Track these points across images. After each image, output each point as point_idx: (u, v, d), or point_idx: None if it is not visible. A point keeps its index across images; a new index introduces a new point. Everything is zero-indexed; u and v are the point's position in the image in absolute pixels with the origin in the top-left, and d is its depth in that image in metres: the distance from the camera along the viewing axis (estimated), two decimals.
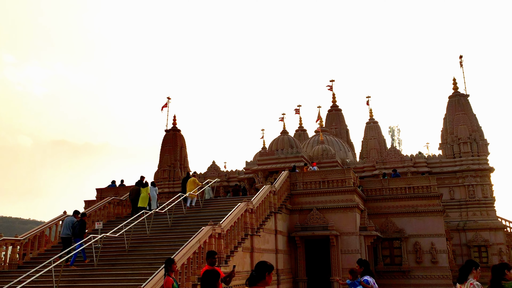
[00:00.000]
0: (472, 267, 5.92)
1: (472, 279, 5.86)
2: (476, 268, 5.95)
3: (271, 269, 4.10)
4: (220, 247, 12.70)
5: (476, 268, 5.95)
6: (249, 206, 14.97)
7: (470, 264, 5.94)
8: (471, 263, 5.98)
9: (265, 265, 4.14)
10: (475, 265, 5.96)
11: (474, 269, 5.92)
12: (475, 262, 6.04)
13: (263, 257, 15.76)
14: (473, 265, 5.93)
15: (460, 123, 28.70)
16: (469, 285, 5.82)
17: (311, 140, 34.27)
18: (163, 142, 34.04)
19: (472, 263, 5.98)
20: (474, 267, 5.93)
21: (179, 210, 17.67)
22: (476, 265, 5.98)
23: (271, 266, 4.15)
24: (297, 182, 19.34)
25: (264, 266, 4.11)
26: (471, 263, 5.98)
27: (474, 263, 6.00)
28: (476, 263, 6.02)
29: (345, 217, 18.18)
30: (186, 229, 15.51)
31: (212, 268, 5.18)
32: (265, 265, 4.13)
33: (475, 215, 27.53)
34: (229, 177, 31.97)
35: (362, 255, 17.95)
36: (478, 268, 5.97)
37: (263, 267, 4.10)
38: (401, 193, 20.46)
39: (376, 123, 36.01)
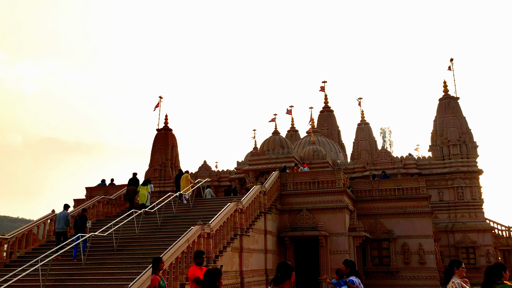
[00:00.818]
0: (453, 267, 5.99)
1: (455, 278, 5.93)
2: (458, 267, 6.02)
3: (293, 269, 4.37)
4: (209, 247, 12.71)
5: (458, 267, 6.02)
6: (239, 206, 15.00)
7: (452, 264, 6.02)
8: (453, 263, 6.06)
9: (288, 265, 4.39)
10: (456, 264, 6.03)
11: (456, 268, 5.99)
12: (456, 261, 6.12)
13: (252, 257, 15.81)
14: (455, 265, 6.00)
15: (450, 126, 28.98)
16: (451, 283, 5.89)
17: (302, 140, 34.41)
18: (154, 141, 33.96)
19: (453, 263, 6.05)
20: (456, 266, 6.01)
21: (169, 210, 17.64)
22: (458, 264, 6.05)
23: (293, 266, 4.42)
24: (287, 182, 19.41)
25: (288, 266, 4.36)
26: (453, 263, 6.06)
27: (456, 262, 6.07)
28: (458, 262, 6.10)
29: (334, 217, 18.27)
30: (175, 229, 15.49)
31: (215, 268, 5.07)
32: (289, 266, 4.38)
33: (464, 216, 27.83)
34: (220, 177, 31.99)
35: (351, 256, 18.06)
36: (460, 267, 6.03)
37: (288, 267, 4.35)
38: (390, 194, 20.62)
39: (367, 124, 36.26)
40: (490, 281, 5.48)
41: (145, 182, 18.99)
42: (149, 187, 18.74)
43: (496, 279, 5.46)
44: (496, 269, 5.49)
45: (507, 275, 5.53)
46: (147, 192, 18.44)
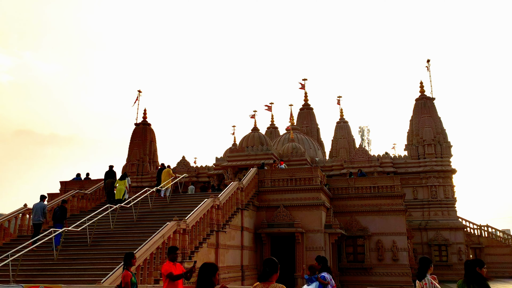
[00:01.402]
0: (429, 264, 6.21)
1: (428, 275, 6.10)
2: (430, 266, 6.23)
3: (278, 265, 4.55)
4: (185, 242, 12.69)
5: (430, 266, 6.23)
6: (216, 202, 15.01)
7: (427, 261, 6.22)
8: (428, 260, 6.24)
9: (275, 261, 4.56)
10: (429, 262, 6.25)
11: (430, 267, 6.19)
12: (429, 260, 6.31)
13: (228, 254, 15.85)
14: (429, 263, 6.22)
15: (425, 126, 29.59)
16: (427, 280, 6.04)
17: (282, 138, 34.56)
18: (132, 135, 33.59)
19: (426, 261, 6.24)
20: (429, 264, 6.21)
21: (146, 205, 17.50)
22: (430, 263, 6.26)
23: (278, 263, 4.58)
24: (265, 179, 19.50)
25: (275, 262, 4.53)
26: (428, 260, 6.24)
27: (428, 261, 6.26)
28: (429, 261, 6.29)
29: (311, 214, 18.47)
30: (151, 224, 15.39)
31: (210, 263, 4.90)
32: (276, 261, 4.56)
33: (437, 215, 28.49)
34: (199, 172, 31.88)
35: (326, 252, 18.30)
36: (431, 265, 6.26)
37: (275, 263, 4.51)
38: (366, 192, 20.95)
39: (346, 122, 36.68)
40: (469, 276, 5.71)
41: (123, 176, 18.91)
42: (127, 181, 18.70)
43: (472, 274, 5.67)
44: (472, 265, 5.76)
45: (483, 271, 5.68)
46: (124, 186, 18.38)
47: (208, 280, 4.64)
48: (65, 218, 14.29)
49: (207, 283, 4.64)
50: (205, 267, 4.72)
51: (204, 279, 4.65)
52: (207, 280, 4.64)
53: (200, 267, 4.79)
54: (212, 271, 4.70)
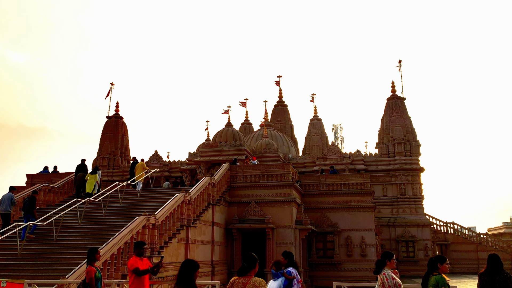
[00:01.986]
0: (385, 259, 6.21)
1: (386, 269, 6.20)
2: (389, 259, 6.21)
3: (258, 260, 4.70)
4: (154, 237, 12.59)
5: (389, 259, 6.21)
6: (187, 198, 14.94)
7: (384, 256, 6.25)
8: (385, 255, 6.28)
9: (254, 256, 4.71)
10: (388, 256, 6.23)
11: (388, 260, 6.19)
12: (388, 253, 6.30)
13: (198, 249, 15.82)
14: (387, 257, 6.21)
15: (396, 125, 30.25)
16: (382, 275, 6.16)
17: (255, 134, 34.65)
18: (103, 129, 32.99)
19: (385, 255, 6.28)
20: (388, 258, 6.19)
21: (116, 199, 17.27)
22: (390, 256, 6.23)
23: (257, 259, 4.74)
24: (237, 175, 19.52)
25: (254, 257, 4.68)
26: (385, 255, 6.28)
27: (387, 255, 6.27)
28: (389, 254, 6.28)
29: (282, 210, 18.61)
30: (120, 219, 15.18)
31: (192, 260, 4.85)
32: (254, 257, 4.70)
33: (405, 212, 29.22)
34: (171, 167, 31.63)
35: (296, 248, 18.51)
36: (392, 259, 6.22)
37: (253, 258, 4.66)
38: (337, 189, 21.27)
39: (319, 120, 37.06)
40: (429, 272, 5.92)
41: (94, 170, 18.71)
42: (97, 175, 18.49)
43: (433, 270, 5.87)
44: (434, 261, 5.93)
45: (444, 267, 5.83)
46: (95, 180, 18.18)
47: (189, 277, 4.61)
48: (33, 208, 14.12)
49: (188, 280, 4.61)
50: (186, 264, 4.69)
51: (185, 275, 4.61)
52: (188, 276, 4.61)
53: (181, 263, 4.77)
54: (193, 268, 4.69)
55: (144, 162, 20.64)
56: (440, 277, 5.85)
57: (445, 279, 5.86)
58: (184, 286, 4.53)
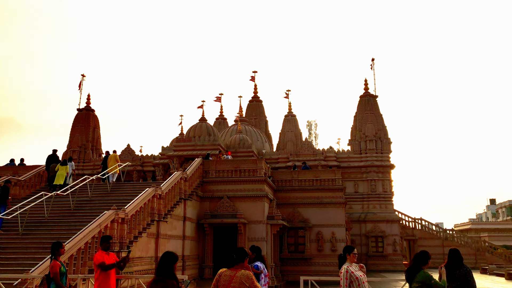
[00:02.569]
0: (346, 253, 6.29)
1: (346, 263, 6.21)
2: (349, 253, 6.24)
3: (247, 255, 5.00)
4: (123, 232, 12.42)
5: (349, 253, 6.24)
6: (158, 192, 14.80)
7: (344, 250, 6.34)
8: (345, 249, 6.35)
9: (244, 250, 5.02)
10: (348, 250, 6.30)
11: (348, 254, 6.26)
12: (348, 247, 6.36)
13: (169, 243, 15.72)
14: (347, 251, 6.29)
15: (368, 122, 30.77)
16: (342, 269, 6.19)
17: (230, 129, 34.60)
18: (74, 121, 32.28)
19: (345, 249, 6.36)
20: (347, 252, 6.27)
21: (85, 193, 16.95)
22: (349, 250, 6.29)
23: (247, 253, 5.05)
24: (210, 170, 19.47)
25: (244, 252, 4.98)
26: (345, 249, 6.35)
27: (347, 249, 6.33)
28: (349, 248, 6.34)
29: (254, 206, 18.68)
30: (89, 213, 14.90)
31: (172, 252, 4.93)
32: (245, 251, 5.01)
33: (375, 208, 29.84)
34: (144, 161, 31.26)
35: (268, 243, 18.63)
36: (352, 252, 6.24)
37: (244, 253, 4.97)
38: (309, 185, 21.49)
39: (294, 116, 37.31)
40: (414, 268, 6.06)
41: (64, 161, 18.43)
42: (69, 167, 18.22)
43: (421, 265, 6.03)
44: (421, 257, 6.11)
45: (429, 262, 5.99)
46: (66, 172, 17.91)
47: (169, 267, 4.73)
48: (7, 198, 13.87)
49: (167, 270, 4.72)
50: (166, 256, 4.81)
51: (165, 266, 4.74)
52: (168, 268, 4.73)
53: (161, 255, 4.88)
54: (173, 259, 4.80)
55: (116, 153, 20.47)
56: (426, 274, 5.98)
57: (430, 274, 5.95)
58: (164, 276, 4.67)
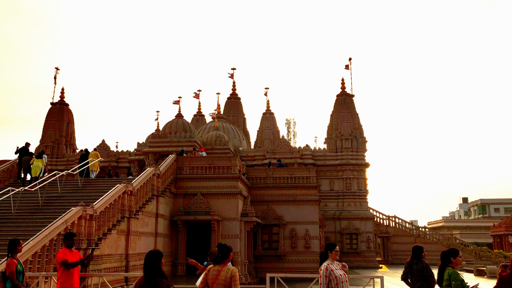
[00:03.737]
0: (327, 250, 6.10)
1: (327, 261, 6.04)
2: (331, 251, 6.09)
3: (231, 249, 5.25)
4: (91, 229, 12.22)
5: (331, 251, 6.09)
6: (129, 188, 14.62)
7: (326, 248, 6.18)
8: (326, 246, 6.19)
9: (227, 247, 5.24)
10: (329, 247, 6.14)
11: (330, 252, 6.08)
12: (330, 245, 6.21)
13: (140, 240, 15.56)
14: (328, 248, 6.12)
15: (344, 121, 31.09)
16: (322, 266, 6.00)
17: (207, 126, 34.45)
18: (47, 115, 31.58)
19: (327, 247, 6.19)
20: (329, 250, 6.09)
21: (55, 189, 16.60)
22: (331, 247, 6.13)
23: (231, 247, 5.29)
24: (183, 166, 19.33)
25: (227, 248, 5.22)
26: (326, 246, 6.19)
27: (329, 246, 6.18)
28: (331, 245, 6.17)
29: (228, 203, 18.64)
30: (58, 209, 14.59)
31: (156, 250, 4.87)
32: (228, 247, 5.24)
33: (350, 205, 30.20)
34: (119, 157, 30.87)
35: (241, 240, 18.64)
36: (333, 250, 6.10)
37: (227, 249, 5.21)
38: (283, 183, 21.59)
39: (272, 114, 37.42)
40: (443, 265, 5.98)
41: (40, 154, 18.14)
42: (44, 159, 17.92)
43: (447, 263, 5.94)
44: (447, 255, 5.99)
45: (458, 260, 5.91)
46: (42, 164, 17.60)
47: (156, 266, 4.69)
48: None
49: (155, 269, 4.69)
50: (151, 254, 4.77)
51: (151, 265, 4.70)
52: (155, 266, 4.69)
53: (146, 255, 4.82)
54: (158, 257, 4.76)
55: (97, 151, 20.62)
56: (453, 272, 5.86)
57: (457, 274, 5.84)
58: (152, 275, 4.62)
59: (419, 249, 7.75)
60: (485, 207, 64.69)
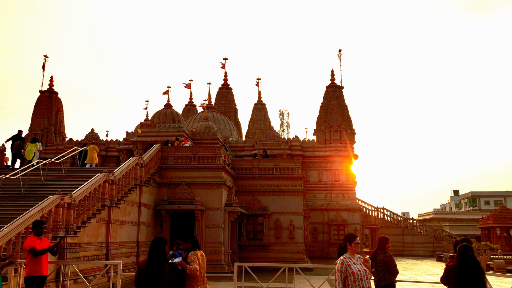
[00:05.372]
0: (346, 243, 5.35)
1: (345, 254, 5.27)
2: (350, 242, 5.29)
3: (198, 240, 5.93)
4: (70, 217, 12.29)
5: (350, 242, 5.29)
6: (110, 177, 14.67)
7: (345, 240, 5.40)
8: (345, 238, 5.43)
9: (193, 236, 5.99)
10: (349, 239, 5.35)
11: (349, 244, 5.31)
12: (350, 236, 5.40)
13: (122, 229, 15.66)
14: (347, 240, 5.35)
15: (333, 112, 31.14)
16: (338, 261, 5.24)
17: (197, 116, 34.43)
18: (36, 103, 31.46)
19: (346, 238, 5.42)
20: (348, 241, 5.33)
21: (38, 177, 16.65)
22: (351, 239, 5.32)
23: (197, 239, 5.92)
24: (168, 156, 19.39)
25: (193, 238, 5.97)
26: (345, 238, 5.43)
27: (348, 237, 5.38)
28: (351, 237, 5.36)
29: (212, 193, 18.75)
30: (40, 197, 14.61)
31: (160, 236, 5.38)
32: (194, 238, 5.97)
33: (338, 197, 30.39)
34: (108, 146, 30.85)
35: (225, 230, 18.79)
36: (353, 242, 5.27)
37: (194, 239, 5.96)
38: (269, 173, 21.69)
39: (263, 105, 37.42)
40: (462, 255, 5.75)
41: (34, 139, 18.85)
42: (38, 145, 18.55)
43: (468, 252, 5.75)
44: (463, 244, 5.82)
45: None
46: (35, 148, 18.18)
47: (161, 252, 5.14)
48: None
49: (160, 254, 5.13)
50: (156, 241, 5.24)
51: (157, 251, 5.14)
52: (160, 251, 5.14)
53: (151, 241, 5.26)
54: (163, 243, 5.22)
55: (95, 145, 21.14)
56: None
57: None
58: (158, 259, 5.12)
59: (384, 240, 7.94)
60: (475, 199, 65.21)
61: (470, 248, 5.49)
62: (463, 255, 5.45)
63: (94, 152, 19.92)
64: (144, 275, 5.02)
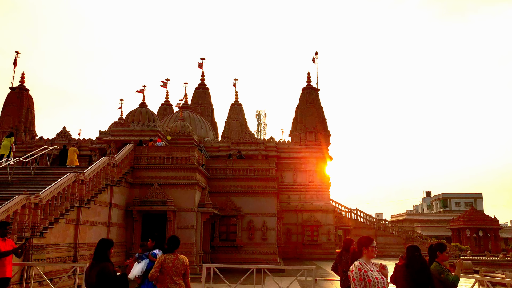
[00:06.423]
0: (362, 246, 4.66)
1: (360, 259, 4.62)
2: (367, 246, 4.63)
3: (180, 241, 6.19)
4: (36, 218, 12.02)
5: (367, 246, 4.63)
6: (80, 177, 14.42)
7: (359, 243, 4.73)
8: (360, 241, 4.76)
9: (177, 238, 6.16)
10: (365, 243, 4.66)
11: (365, 248, 4.64)
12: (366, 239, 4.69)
13: (91, 230, 15.40)
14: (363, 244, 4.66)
15: (309, 114, 31.43)
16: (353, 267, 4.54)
17: (173, 115, 34.21)
18: (6, 100, 30.63)
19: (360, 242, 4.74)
20: (364, 245, 4.64)
21: (5, 177, 16.22)
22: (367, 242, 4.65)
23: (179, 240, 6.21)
24: (141, 156, 19.18)
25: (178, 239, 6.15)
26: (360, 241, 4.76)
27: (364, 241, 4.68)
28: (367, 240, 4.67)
29: (184, 193, 18.65)
30: (6, 198, 14.25)
31: (107, 238, 5.66)
32: (178, 238, 6.16)
33: (312, 198, 30.68)
34: (81, 145, 30.25)
35: (197, 231, 18.71)
36: (370, 246, 4.61)
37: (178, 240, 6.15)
38: (243, 174, 21.71)
39: (240, 105, 37.45)
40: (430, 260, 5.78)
41: (10, 134, 18.83)
42: (12, 140, 18.46)
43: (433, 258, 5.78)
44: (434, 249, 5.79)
45: (443, 255, 5.74)
46: (10, 143, 18.04)
47: (103, 253, 5.39)
48: None
49: (102, 256, 5.37)
50: (101, 242, 5.51)
51: (100, 252, 5.39)
52: (103, 253, 5.39)
53: (98, 242, 5.54)
54: (108, 245, 5.47)
55: (76, 147, 20.91)
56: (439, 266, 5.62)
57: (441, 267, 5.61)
58: (99, 260, 5.34)
59: (349, 242, 8.20)
60: (446, 201, 66.85)
61: (418, 249, 5.70)
62: (410, 255, 5.66)
63: (75, 154, 19.88)
64: (87, 275, 5.36)
